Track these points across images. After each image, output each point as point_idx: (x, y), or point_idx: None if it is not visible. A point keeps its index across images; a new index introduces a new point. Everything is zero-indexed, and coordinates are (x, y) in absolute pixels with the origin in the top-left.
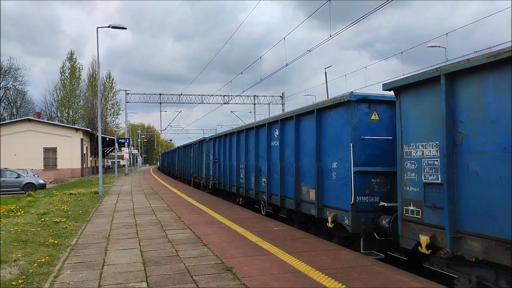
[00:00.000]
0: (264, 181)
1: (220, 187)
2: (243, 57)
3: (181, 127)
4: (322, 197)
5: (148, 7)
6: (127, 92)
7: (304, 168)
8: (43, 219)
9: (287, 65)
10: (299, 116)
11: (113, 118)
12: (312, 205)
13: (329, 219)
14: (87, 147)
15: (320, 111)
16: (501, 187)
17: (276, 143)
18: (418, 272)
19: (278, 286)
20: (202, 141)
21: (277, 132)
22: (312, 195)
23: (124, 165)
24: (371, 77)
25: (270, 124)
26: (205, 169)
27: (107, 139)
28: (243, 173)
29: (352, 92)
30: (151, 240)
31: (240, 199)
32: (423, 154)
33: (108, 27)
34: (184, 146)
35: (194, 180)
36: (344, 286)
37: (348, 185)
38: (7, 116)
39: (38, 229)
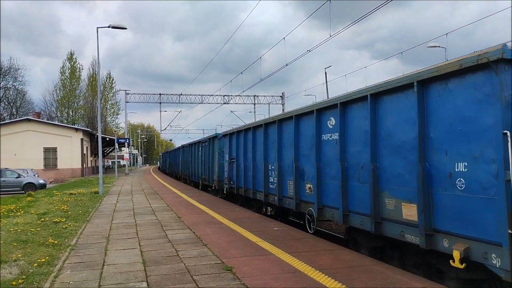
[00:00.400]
0: (309, 188)
1: (239, 192)
2: (243, 57)
3: (181, 127)
4: (432, 216)
5: (148, 7)
6: (127, 92)
7: (390, 170)
8: (43, 219)
9: (287, 65)
10: (378, 96)
11: (113, 118)
12: (411, 229)
13: (456, 254)
14: (87, 147)
15: (424, 85)
16: None
17: (331, 137)
18: None
19: (278, 286)
20: (213, 138)
21: (332, 122)
22: (409, 212)
23: (124, 165)
24: (371, 77)
25: (320, 111)
26: (218, 171)
27: (107, 139)
28: (274, 176)
29: (504, 44)
30: (151, 240)
31: (269, 208)
32: None
33: (108, 27)
34: (190, 144)
35: (203, 183)
36: (344, 286)
37: (498, 200)
38: (7, 116)
39: (38, 229)
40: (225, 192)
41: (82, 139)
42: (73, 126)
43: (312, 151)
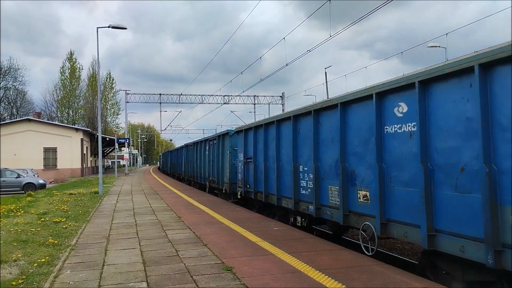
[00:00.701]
0: (364, 196)
1: (257, 197)
2: (243, 57)
3: (181, 127)
4: None
5: (148, 7)
6: (127, 92)
7: None
8: (43, 219)
9: (287, 65)
10: (492, 67)
11: (113, 118)
12: None
13: None
14: (87, 147)
15: None
16: None
17: (401, 128)
18: None
19: (278, 286)
20: (224, 135)
21: (403, 108)
22: None
23: (124, 165)
24: (371, 77)
25: (382, 95)
26: (230, 172)
27: (107, 139)
28: (308, 179)
29: None
30: (151, 240)
31: (299, 218)
32: None
33: (108, 27)
34: (195, 143)
35: (211, 185)
36: (344, 286)
37: None
38: (7, 116)
39: (38, 229)
40: (239, 196)
41: (82, 139)
42: (73, 126)
43: (368, 148)
